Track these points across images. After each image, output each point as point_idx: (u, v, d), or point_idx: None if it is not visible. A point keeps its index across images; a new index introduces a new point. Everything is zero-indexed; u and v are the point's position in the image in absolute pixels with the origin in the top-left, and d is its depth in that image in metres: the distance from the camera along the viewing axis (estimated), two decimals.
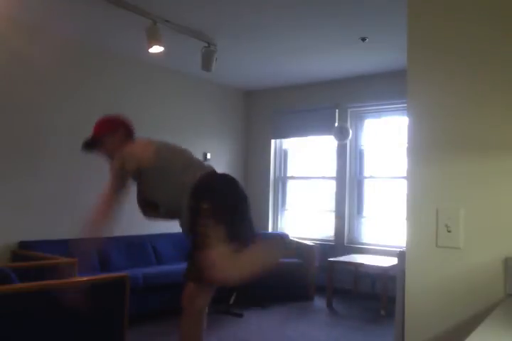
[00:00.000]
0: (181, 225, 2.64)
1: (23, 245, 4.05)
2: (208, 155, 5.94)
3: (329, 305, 4.91)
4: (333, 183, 5.87)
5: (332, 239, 5.78)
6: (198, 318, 2.59)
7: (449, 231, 1.35)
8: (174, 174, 2.55)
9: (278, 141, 6.45)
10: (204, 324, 2.63)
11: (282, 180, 6.42)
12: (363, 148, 5.81)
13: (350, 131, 5.63)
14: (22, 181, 4.15)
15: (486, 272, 1.30)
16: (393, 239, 5.30)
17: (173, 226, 5.60)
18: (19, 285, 2.49)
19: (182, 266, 4.68)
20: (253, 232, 2.75)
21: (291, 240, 5.59)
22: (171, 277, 4.40)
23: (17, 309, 2.38)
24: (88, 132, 4.61)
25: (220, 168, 6.10)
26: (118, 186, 2.75)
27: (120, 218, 4.49)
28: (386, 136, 5.59)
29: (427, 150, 1.41)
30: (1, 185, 4.02)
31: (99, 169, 4.75)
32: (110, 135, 2.77)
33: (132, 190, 2.79)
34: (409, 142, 1.44)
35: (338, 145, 5.80)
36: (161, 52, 4.13)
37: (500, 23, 1.33)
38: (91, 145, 2.86)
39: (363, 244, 5.62)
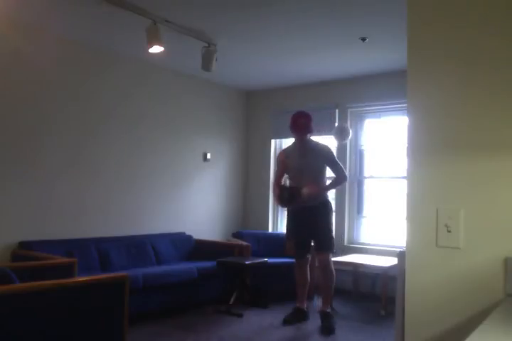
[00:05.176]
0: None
1: (23, 245, 4.05)
2: (208, 155, 5.95)
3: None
4: None
5: None
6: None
7: (449, 231, 1.35)
8: None
9: (278, 141, 6.45)
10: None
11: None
12: (363, 148, 5.81)
13: (350, 131, 5.63)
14: (22, 181, 4.15)
15: (486, 272, 1.30)
16: (393, 239, 5.30)
17: (172, 226, 5.64)
18: (19, 285, 2.49)
19: (182, 265, 4.72)
20: None
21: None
22: (170, 277, 4.40)
23: (17, 309, 2.38)
24: (87, 132, 4.64)
25: (220, 168, 6.14)
26: None
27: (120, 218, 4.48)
28: (386, 136, 5.59)
29: (427, 151, 1.41)
30: (1, 186, 4.03)
31: (99, 169, 4.77)
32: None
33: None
34: (409, 142, 1.44)
35: (338, 145, 5.79)
36: (161, 52, 4.13)
37: (500, 22, 1.33)
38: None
39: (362, 244, 5.62)
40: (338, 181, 4.40)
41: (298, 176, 4.29)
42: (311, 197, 4.14)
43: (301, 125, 4.29)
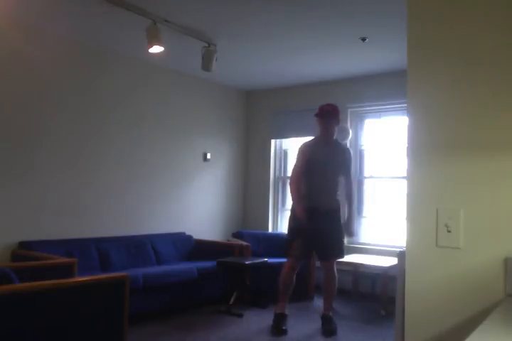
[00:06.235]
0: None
1: (23, 245, 4.05)
2: (208, 155, 5.95)
3: None
4: None
5: None
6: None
7: (449, 231, 1.35)
8: None
9: (278, 141, 6.45)
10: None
11: (282, 180, 6.42)
12: (363, 148, 5.81)
13: (350, 131, 5.63)
14: (21, 181, 4.15)
15: (486, 272, 1.30)
16: (393, 239, 5.30)
17: (172, 226, 5.63)
18: (19, 285, 2.49)
19: (182, 265, 4.72)
20: None
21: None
22: (170, 277, 4.40)
23: (17, 309, 2.38)
24: (87, 132, 4.64)
25: (221, 168, 6.14)
26: None
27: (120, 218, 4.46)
28: (386, 136, 5.59)
29: (427, 151, 1.41)
30: (1, 186, 4.03)
31: (99, 169, 4.77)
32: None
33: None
34: (409, 142, 1.44)
35: None
36: (161, 52, 4.13)
37: (500, 21, 1.33)
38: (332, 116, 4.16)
39: (362, 244, 5.62)
40: (351, 198, 4.42)
41: (319, 173, 4.14)
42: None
43: (325, 111, 4.18)
